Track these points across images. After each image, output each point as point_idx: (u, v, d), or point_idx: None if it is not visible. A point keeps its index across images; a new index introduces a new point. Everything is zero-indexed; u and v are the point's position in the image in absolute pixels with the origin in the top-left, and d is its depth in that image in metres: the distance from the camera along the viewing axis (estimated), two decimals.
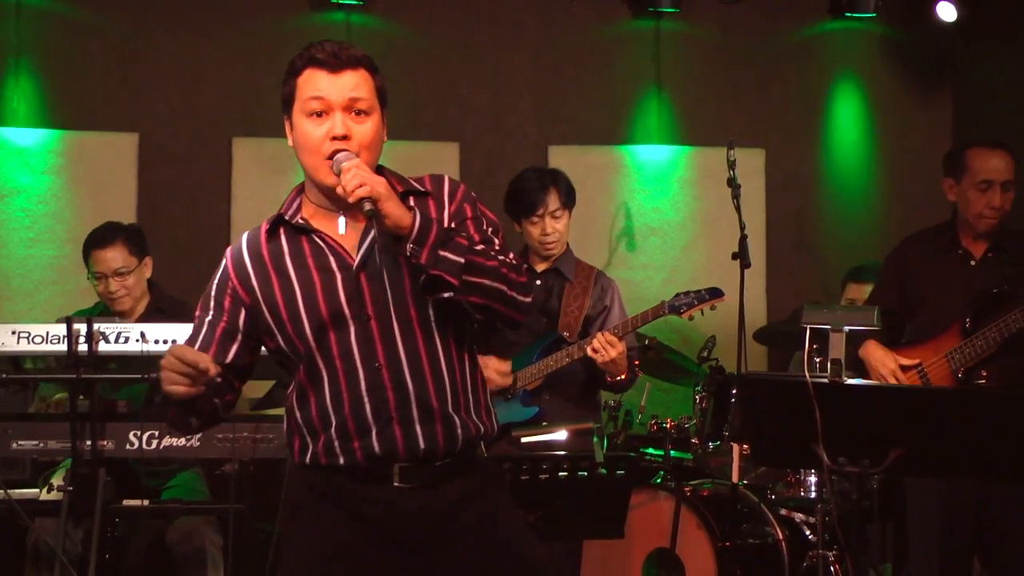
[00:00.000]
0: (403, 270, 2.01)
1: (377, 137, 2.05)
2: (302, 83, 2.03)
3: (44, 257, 4.75)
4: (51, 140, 4.82)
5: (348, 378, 2.01)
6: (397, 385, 2.01)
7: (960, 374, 3.36)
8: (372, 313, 2.01)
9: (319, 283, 2.03)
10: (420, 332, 2.03)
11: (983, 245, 3.48)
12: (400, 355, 2.02)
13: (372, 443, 2.01)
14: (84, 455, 2.78)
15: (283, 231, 2.10)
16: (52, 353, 2.82)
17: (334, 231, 2.06)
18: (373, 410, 2.01)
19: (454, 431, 2.04)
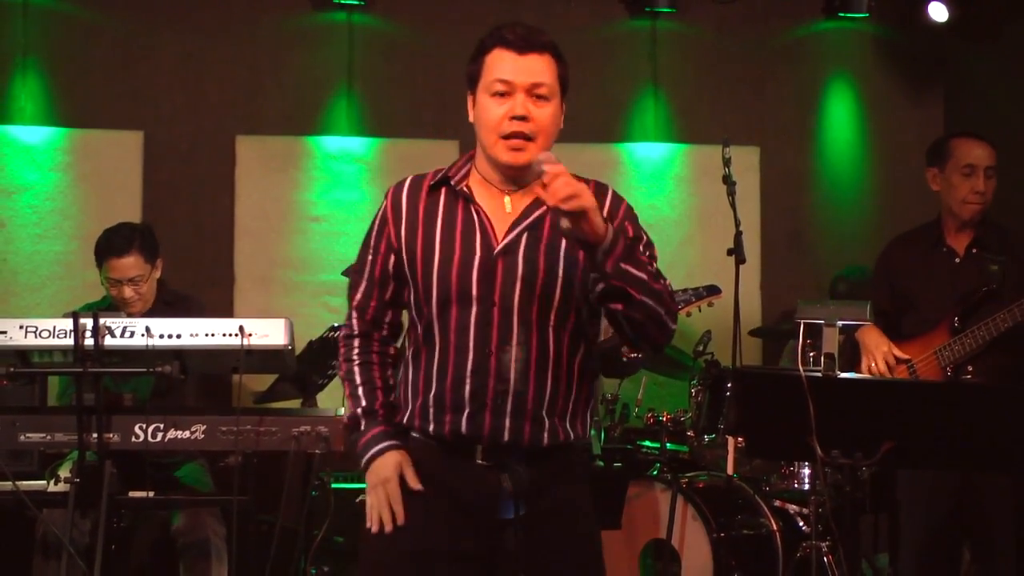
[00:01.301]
0: (540, 268, 2.04)
1: (554, 123, 2.07)
2: (489, 62, 2.06)
3: (51, 253, 4.73)
4: (58, 138, 4.80)
5: (457, 354, 2.04)
6: (500, 375, 2.03)
7: (949, 371, 3.40)
8: (498, 300, 2.03)
9: (458, 256, 2.05)
10: (537, 332, 2.04)
11: (966, 240, 3.51)
12: (513, 346, 2.03)
13: (461, 422, 2.04)
14: (90, 447, 2.76)
15: (444, 191, 2.12)
16: (59, 347, 2.80)
17: (493, 208, 2.08)
18: (471, 392, 2.03)
19: (540, 433, 2.05)
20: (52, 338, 2.79)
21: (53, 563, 3.37)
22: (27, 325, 2.80)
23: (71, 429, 2.78)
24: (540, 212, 2.06)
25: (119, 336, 2.80)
